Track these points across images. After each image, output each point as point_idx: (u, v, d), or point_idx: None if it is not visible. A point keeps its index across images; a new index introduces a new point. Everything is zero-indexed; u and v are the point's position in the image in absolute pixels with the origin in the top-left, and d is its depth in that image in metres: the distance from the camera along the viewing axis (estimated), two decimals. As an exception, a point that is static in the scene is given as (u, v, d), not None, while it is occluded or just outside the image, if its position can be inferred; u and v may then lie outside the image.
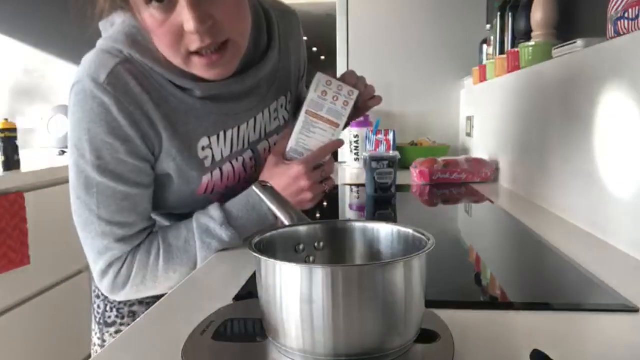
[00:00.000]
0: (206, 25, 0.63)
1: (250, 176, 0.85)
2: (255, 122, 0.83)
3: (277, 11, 0.87)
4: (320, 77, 0.82)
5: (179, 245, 0.76)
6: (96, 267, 0.75)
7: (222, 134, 0.78)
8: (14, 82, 2.55)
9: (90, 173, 0.70)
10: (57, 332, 2.04)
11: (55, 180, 2.02)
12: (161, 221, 0.88)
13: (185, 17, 0.62)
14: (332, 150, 0.82)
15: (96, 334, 0.90)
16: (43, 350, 1.96)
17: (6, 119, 1.99)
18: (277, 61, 0.85)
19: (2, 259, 1.72)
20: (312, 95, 0.81)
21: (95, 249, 0.74)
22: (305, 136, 0.81)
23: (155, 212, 0.84)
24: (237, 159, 0.82)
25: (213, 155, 0.78)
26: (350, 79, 0.84)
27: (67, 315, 2.11)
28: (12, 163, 1.96)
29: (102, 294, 0.88)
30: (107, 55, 0.70)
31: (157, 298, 0.85)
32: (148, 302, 0.87)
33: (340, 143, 0.82)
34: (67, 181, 0.76)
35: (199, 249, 0.75)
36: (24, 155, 2.07)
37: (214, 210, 0.77)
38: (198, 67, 0.68)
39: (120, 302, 0.88)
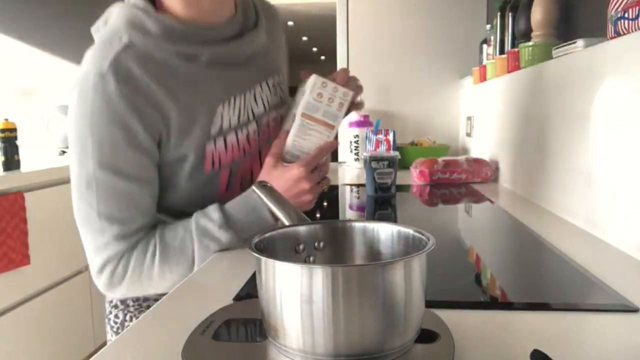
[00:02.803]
0: None
1: (254, 149, 0.85)
2: (255, 93, 0.85)
3: (260, 3, 0.91)
4: (316, 80, 0.81)
5: (176, 245, 0.75)
6: (93, 264, 0.75)
7: (232, 99, 0.80)
8: (14, 82, 2.55)
9: (91, 167, 0.71)
10: (57, 331, 2.04)
11: (55, 180, 2.02)
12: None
13: None
14: (328, 152, 0.82)
15: None
16: (43, 349, 1.96)
17: (6, 119, 1.99)
18: (265, 41, 0.88)
19: (2, 259, 1.72)
20: (307, 97, 0.80)
21: (94, 246, 0.74)
22: (301, 139, 0.81)
23: (167, 213, 0.83)
24: (242, 130, 0.82)
25: (222, 123, 0.79)
26: (341, 78, 0.84)
27: (67, 315, 2.11)
28: (12, 163, 1.96)
29: (121, 303, 0.87)
30: (107, 46, 0.72)
31: None
32: None
33: (335, 144, 0.83)
34: (67, 181, 0.77)
35: (196, 249, 0.75)
36: (24, 155, 2.07)
37: (214, 211, 0.77)
38: None
39: (141, 312, 0.85)
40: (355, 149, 2.02)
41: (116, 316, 0.87)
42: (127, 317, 0.86)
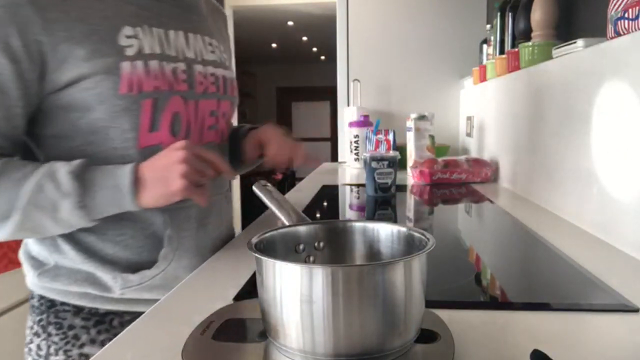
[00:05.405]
0: None
1: (184, 91, 0.79)
2: (188, 39, 0.83)
3: None
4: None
5: (13, 176, 0.66)
6: None
7: (146, 27, 0.75)
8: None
9: None
10: (57, 332, 2.04)
11: (55, 180, 2.02)
12: (97, 243, 0.75)
13: None
14: (220, 164, 0.76)
15: None
16: (43, 350, 1.96)
17: (6, 119, 1.99)
18: (204, 7, 0.91)
19: (2, 259, 1.72)
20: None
21: None
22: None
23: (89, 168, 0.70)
24: (168, 63, 0.77)
25: (140, 47, 0.74)
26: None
27: (67, 315, 2.11)
28: (12, 163, 1.96)
29: (43, 331, 0.77)
30: None
31: (117, 330, 0.76)
32: (102, 341, 0.76)
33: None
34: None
35: (27, 184, 0.65)
36: (24, 155, 2.07)
37: (76, 161, 0.69)
38: None
39: (67, 342, 0.76)
40: (355, 149, 2.02)
41: (39, 347, 0.77)
42: (52, 350, 0.76)
